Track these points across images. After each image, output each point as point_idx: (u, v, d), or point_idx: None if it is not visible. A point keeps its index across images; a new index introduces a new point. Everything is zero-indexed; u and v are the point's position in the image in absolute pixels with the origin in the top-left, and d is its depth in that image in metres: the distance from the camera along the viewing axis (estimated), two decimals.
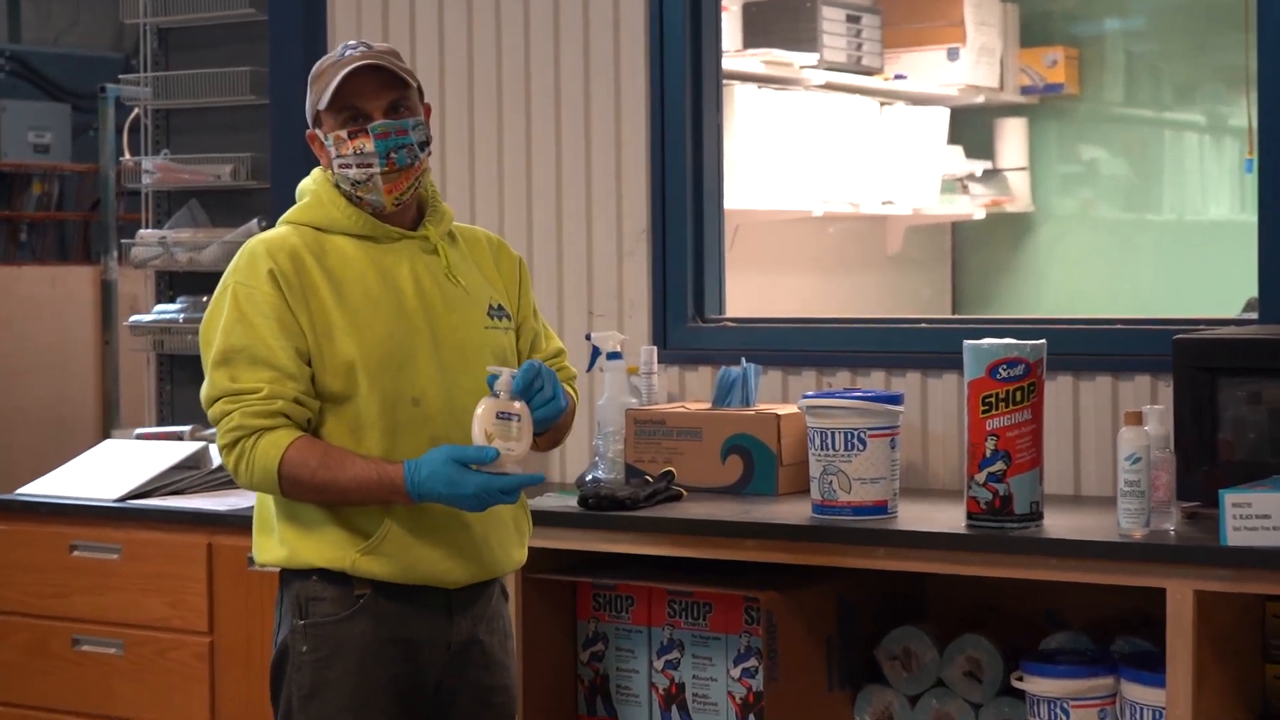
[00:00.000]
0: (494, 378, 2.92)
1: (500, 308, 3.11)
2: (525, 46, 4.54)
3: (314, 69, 3.04)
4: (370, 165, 2.97)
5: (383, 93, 2.98)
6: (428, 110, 3.05)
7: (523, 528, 3.14)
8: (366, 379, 2.94)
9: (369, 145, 2.96)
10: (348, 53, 2.99)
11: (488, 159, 4.59)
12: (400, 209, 3.03)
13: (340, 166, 2.99)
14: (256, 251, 2.97)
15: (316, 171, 3.08)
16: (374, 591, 2.97)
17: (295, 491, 2.92)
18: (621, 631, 3.92)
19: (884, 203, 5.76)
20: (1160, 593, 3.18)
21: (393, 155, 2.97)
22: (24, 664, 4.46)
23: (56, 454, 5.17)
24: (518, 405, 2.91)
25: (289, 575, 3.01)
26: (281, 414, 2.90)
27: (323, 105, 2.98)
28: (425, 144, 3.01)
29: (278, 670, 3.02)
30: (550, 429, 3.04)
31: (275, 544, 3.00)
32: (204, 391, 2.96)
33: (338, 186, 3.02)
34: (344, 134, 2.98)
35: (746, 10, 5.47)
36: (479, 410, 2.90)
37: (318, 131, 3.03)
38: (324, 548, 2.95)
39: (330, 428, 2.96)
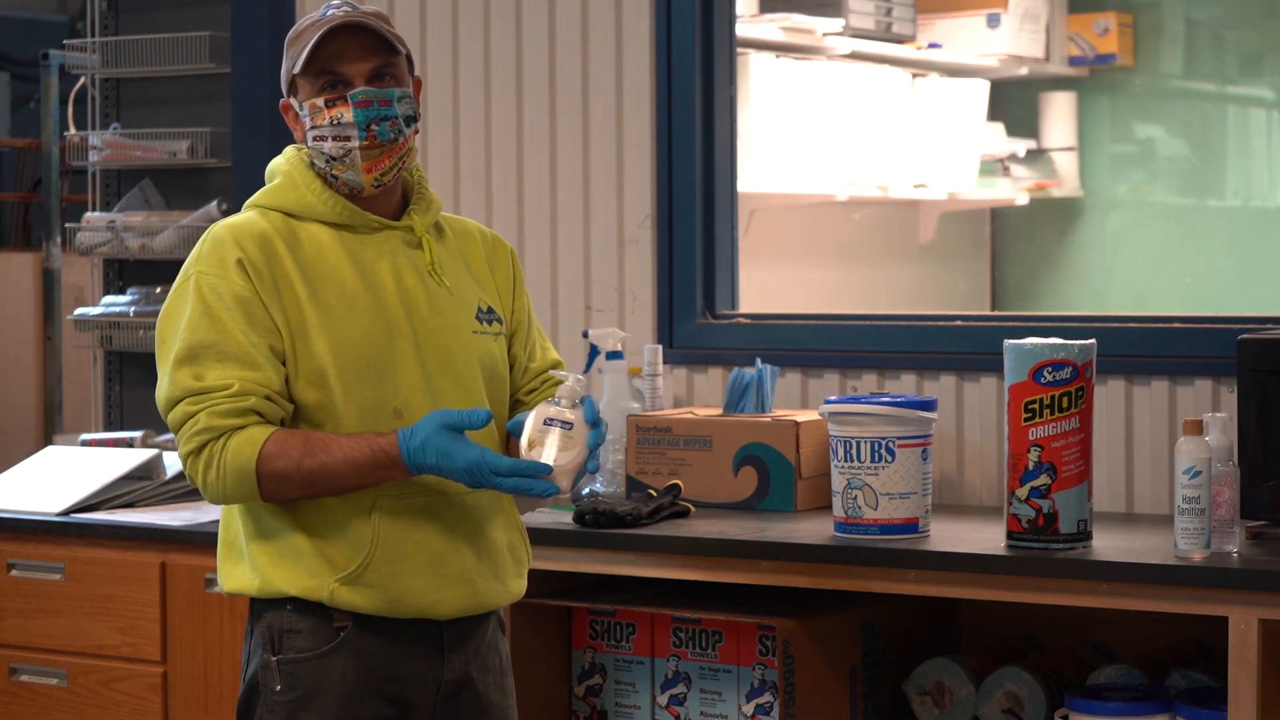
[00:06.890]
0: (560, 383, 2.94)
1: (490, 310, 3.10)
2: (516, 8, 4.54)
3: (292, 30, 3.03)
4: (348, 138, 2.96)
5: (367, 57, 2.97)
6: (417, 84, 3.05)
7: (521, 557, 3.13)
8: (341, 386, 2.93)
9: (347, 115, 2.95)
10: (329, 12, 2.98)
11: (474, 134, 4.59)
12: (381, 194, 3.02)
13: (315, 139, 2.98)
14: (221, 238, 2.95)
15: (290, 150, 3.07)
16: (356, 625, 2.95)
17: (278, 490, 2.88)
18: (621, 662, 3.92)
19: (916, 186, 5.77)
20: (1221, 622, 3.19)
21: (373, 127, 2.96)
22: None
23: None
24: (571, 414, 2.91)
25: (260, 604, 2.99)
26: (254, 411, 2.87)
27: (298, 69, 2.96)
28: (412, 119, 3.00)
29: (245, 710, 3.00)
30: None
31: (244, 570, 2.98)
32: (162, 393, 2.92)
33: (313, 166, 3.02)
34: (320, 102, 2.96)
35: None
36: (531, 414, 2.92)
37: (292, 100, 3.02)
38: (299, 575, 2.93)
39: None
